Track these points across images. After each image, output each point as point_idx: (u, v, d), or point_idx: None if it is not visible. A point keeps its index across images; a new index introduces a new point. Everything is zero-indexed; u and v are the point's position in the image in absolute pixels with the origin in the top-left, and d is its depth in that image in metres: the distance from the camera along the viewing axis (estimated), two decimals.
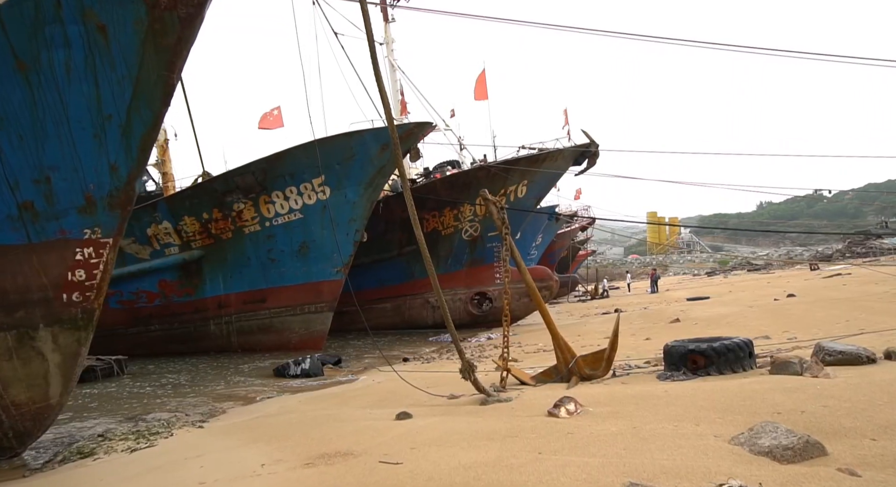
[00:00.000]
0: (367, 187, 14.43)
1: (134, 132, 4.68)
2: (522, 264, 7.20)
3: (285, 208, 14.16)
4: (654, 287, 34.62)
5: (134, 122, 4.65)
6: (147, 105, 4.63)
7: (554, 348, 7.03)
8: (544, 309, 7.06)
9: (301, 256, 14.54)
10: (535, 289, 7.08)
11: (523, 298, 20.70)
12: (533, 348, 11.89)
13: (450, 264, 20.38)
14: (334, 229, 13.55)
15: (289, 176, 13.69)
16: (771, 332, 9.18)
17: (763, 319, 11.24)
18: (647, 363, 7.81)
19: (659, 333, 11.53)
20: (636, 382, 6.27)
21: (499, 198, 7.30)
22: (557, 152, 18.46)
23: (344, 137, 13.91)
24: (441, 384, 7.97)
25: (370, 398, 7.20)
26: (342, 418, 5.92)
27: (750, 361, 6.17)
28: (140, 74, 4.51)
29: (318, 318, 15.16)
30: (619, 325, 6.84)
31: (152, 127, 4.78)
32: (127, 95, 4.53)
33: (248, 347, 15.16)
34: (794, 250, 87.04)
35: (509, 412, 5.25)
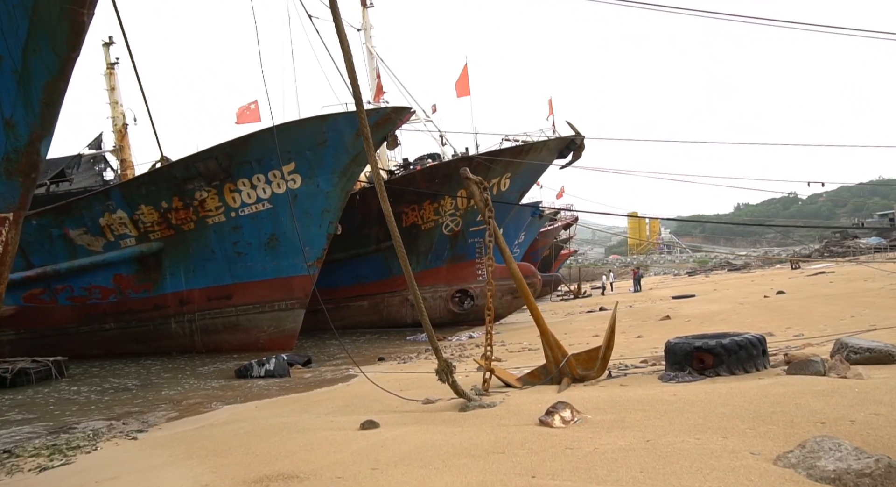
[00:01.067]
0: (342, 177, 13.52)
1: (34, 80, 3.80)
2: (508, 252, 6.43)
3: (252, 197, 13.17)
4: (638, 286, 34.26)
5: (33, 67, 3.76)
6: (50, 46, 3.75)
7: (543, 346, 6.27)
8: (533, 304, 6.29)
9: (270, 249, 13.56)
10: (521, 280, 6.32)
11: (506, 295, 20.00)
12: (517, 346, 11.16)
13: (430, 260, 19.56)
14: (299, 222, 12.59)
15: (256, 163, 12.71)
16: (773, 329, 8.56)
17: (760, 315, 10.66)
18: (644, 362, 7.10)
19: (650, 330, 10.88)
20: (636, 384, 5.54)
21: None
22: (542, 144, 17.78)
23: (315, 120, 12.97)
24: (417, 386, 7.17)
25: (335, 402, 6.36)
26: (298, 427, 5.08)
27: (763, 359, 5.48)
28: (37, 5, 3.63)
29: (289, 316, 14.21)
30: (615, 320, 6.10)
31: (59, 76, 3.89)
32: (21, 32, 3.65)
33: (213, 347, 14.15)
34: (772, 250, 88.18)
35: (493, 420, 4.47)
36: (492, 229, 6.31)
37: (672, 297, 23.14)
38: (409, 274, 5.60)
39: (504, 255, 6.39)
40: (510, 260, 6.43)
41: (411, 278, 5.79)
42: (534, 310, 6.28)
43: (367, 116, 12.17)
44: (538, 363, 8.16)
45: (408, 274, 5.64)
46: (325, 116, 13.08)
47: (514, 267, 6.36)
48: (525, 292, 6.38)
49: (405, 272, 5.85)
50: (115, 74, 17.76)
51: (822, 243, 57.39)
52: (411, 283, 5.70)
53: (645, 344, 8.90)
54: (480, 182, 6.38)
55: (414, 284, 5.73)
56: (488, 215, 6.36)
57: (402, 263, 5.85)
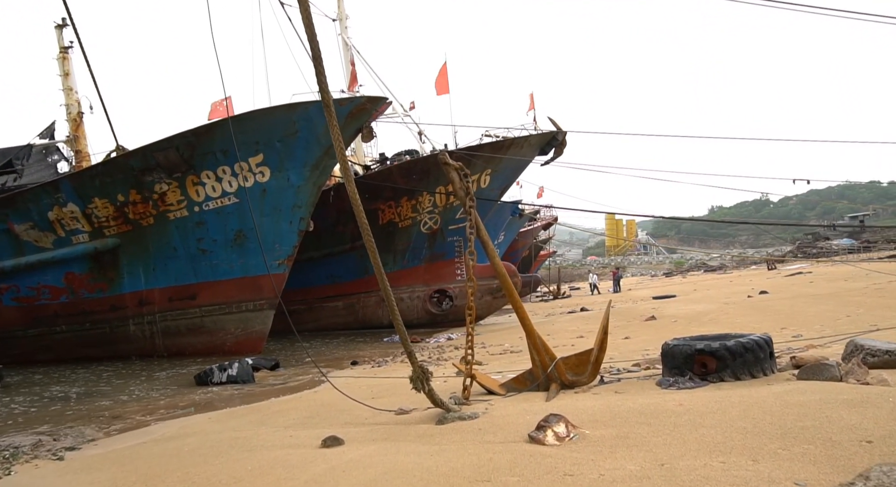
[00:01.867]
0: (314, 170, 12.78)
1: None
2: (492, 246, 5.85)
3: (217, 190, 12.33)
4: (617, 287, 34.11)
5: None
6: None
7: (529, 348, 5.71)
8: (519, 303, 5.72)
9: (237, 246, 12.75)
10: (506, 276, 5.74)
11: (486, 295, 19.46)
12: (498, 349, 10.60)
13: (407, 259, 18.90)
14: (269, 218, 11.80)
15: (221, 153, 11.89)
16: (767, 329, 8.12)
17: (749, 315, 10.28)
18: (636, 365, 6.60)
19: (637, 331, 10.43)
20: (633, 390, 5.01)
21: None
22: (523, 139, 17.28)
23: (285, 109, 12.20)
24: (390, 393, 6.55)
25: (298, 413, 5.70)
26: (251, 444, 4.43)
27: (771, 363, 5.00)
28: None
29: (258, 317, 13.40)
30: (609, 319, 5.57)
31: None
32: None
33: (175, 350, 13.28)
34: (746, 252, 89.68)
35: (476, 435, 3.88)
36: (473, 220, 5.73)
37: (653, 297, 22.92)
38: (381, 273, 4.98)
39: (487, 249, 5.81)
40: (494, 255, 5.85)
41: (383, 277, 5.17)
42: (519, 310, 5.72)
43: (341, 106, 11.48)
44: (521, 367, 7.60)
45: (379, 273, 5.03)
46: (296, 105, 12.31)
47: (497, 263, 5.79)
48: (510, 290, 5.80)
49: (376, 271, 5.23)
50: (70, 58, 16.67)
51: (795, 244, 58.33)
52: (383, 282, 5.10)
53: (634, 346, 8.41)
54: (461, 168, 5.79)
55: (386, 283, 5.13)
56: (469, 204, 5.78)
57: (374, 261, 5.24)
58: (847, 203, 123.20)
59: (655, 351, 7.87)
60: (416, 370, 4.44)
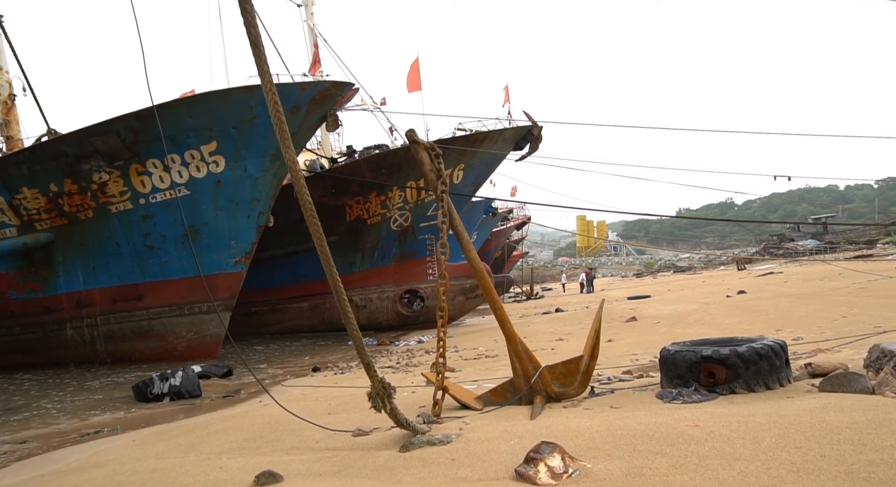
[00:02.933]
0: (274, 161, 11.82)
1: None
2: (467, 238, 5.08)
3: (166, 181, 11.25)
4: (590, 287, 33.82)
5: None
6: None
7: (510, 355, 4.96)
8: (498, 303, 4.97)
9: (188, 242, 11.67)
10: (483, 272, 5.00)
11: (459, 296, 18.73)
12: (472, 353, 9.86)
13: (376, 257, 18.02)
14: (224, 211, 10.78)
15: (169, 140, 10.80)
16: (760, 331, 7.59)
17: (736, 316, 9.78)
18: (627, 373, 5.92)
19: (619, 333, 9.82)
20: (631, 404, 4.31)
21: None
22: (497, 133, 16.61)
23: (241, 92, 11.18)
24: (351, 407, 5.72)
25: (240, 433, 4.82)
26: (169, 479, 3.56)
27: (787, 371, 4.36)
28: None
29: (212, 319, 12.35)
30: (601, 321, 4.87)
31: None
32: None
33: (120, 356, 12.13)
34: (713, 253, 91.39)
35: (448, 468, 3.11)
36: (445, 207, 4.96)
37: (627, 298, 22.59)
38: (333, 273, 4.17)
39: (461, 242, 5.05)
40: (469, 248, 5.09)
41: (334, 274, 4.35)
42: (499, 311, 4.96)
43: (302, 91, 10.53)
44: (499, 375, 6.87)
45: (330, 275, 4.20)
46: (253, 88, 11.30)
47: (474, 257, 5.03)
48: (488, 289, 5.05)
49: (326, 269, 4.38)
50: None
51: (761, 245, 59.48)
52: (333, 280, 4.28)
53: (620, 350, 7.76)
54: (431, 148, 5.01)
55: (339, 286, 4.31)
56: (441, 189, 5.01)
57: (325, 263, 4.40)
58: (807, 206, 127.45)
59: (644, 356, 7.23)
60: (375, 386, 3.64)
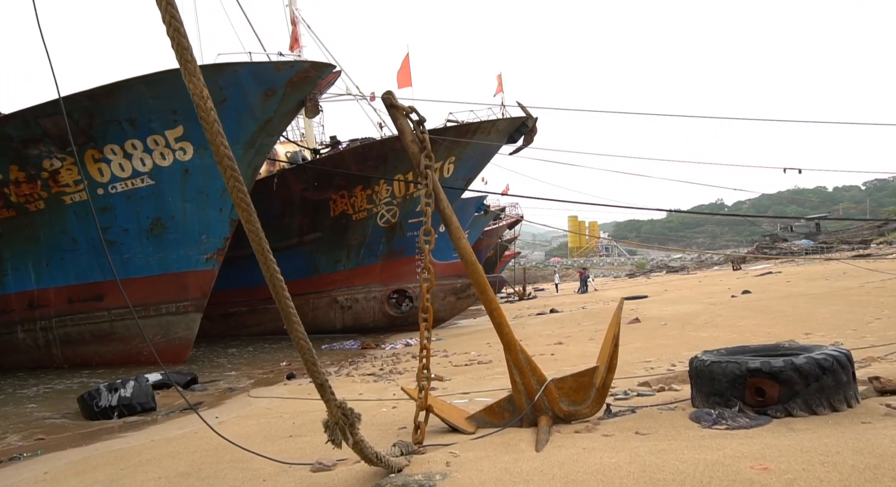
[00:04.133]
0: (248, 148, 10.86)
1: None
2: (456, 224, 4.19)
3: (127, 169, 10.24)
4: (585, 287, 33.08)
5: None
6: None
7: (508, 367, 4.10)
8: (494, 302, 4.10)
9: (154, 237, 10.69)
10: (476, 264, 4.14)
11: (449, 296, 17.84)
12: (463, 358, 8.98)
13: (363, 255, 17.08)
14: (193, 203, 9.80)
15: (128, 123, 9.81)
16: (786, 334, 6.77)
17: (751, 317, 8.98)
18: (644, 385, 5.06)
19: (625, 337, 8.94)
20: (662, 430, 3.45)
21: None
22: (490, 124, 15.74)
23: (208, 71, 10.12)
24: (318, 427, 4.78)
25: (173, 465, 3.90)
26: None
27: (854, 389, 3.52)
28: None
29: (181, 321, 11.36)
30: (619, 324, 4.01)
31: None
32: None
33: (78, 361, 11.12)
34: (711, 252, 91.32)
35: None
36: (430, 185, 4.09)
37: (623, 298, 21.79)
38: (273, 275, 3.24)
39: (450, 227, 4.17)
40: (460, 236, 4.21)
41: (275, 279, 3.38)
42: (494, 312, 4.09)
43: (278, 71, 9.52)
44: (493, 385, 5.99)
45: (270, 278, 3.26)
46: (222, 66, 10.30)
47: (464, 245, 4.16)
48: (482, 285, 4.18)
49: (267, 279, 3.38)
50: None
51: (754, 245, 59.28)
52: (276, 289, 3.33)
53: (629, 356, 6.91)
54: (411, 109, 4.12)
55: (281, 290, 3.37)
56: (425, 164, 4.12)
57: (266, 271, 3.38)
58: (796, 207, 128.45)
59: (659, 363, 6.37)
60: (332, 414, 2.74)
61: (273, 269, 2.80)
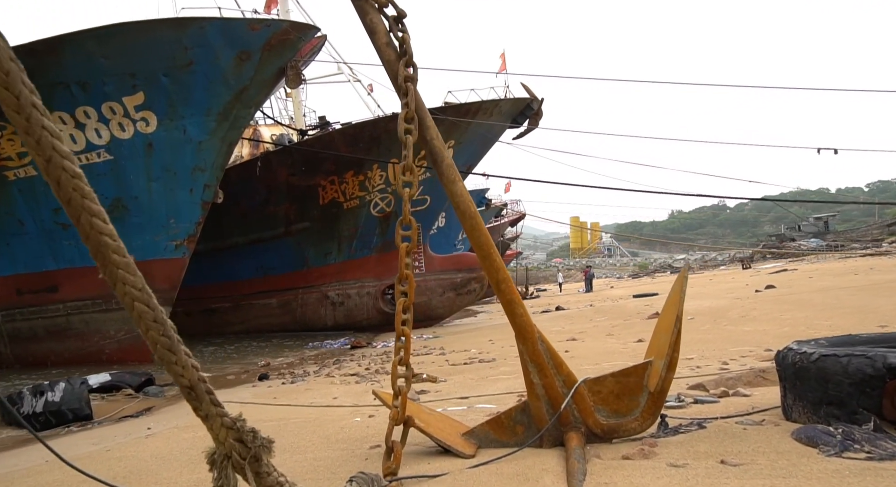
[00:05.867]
0: (221, 120, 9.66)
1: None
2: (449, 161, 3.00)
3: (80, 141, 9.02)
4: (589, 286, 31.89)
5: None
6: None
7: (522, 364, 2.93)
8: (503, 273, 2.91)
9: (114, 220, 9.23)
10: (476, 216, 2.96)
11: (448, 292, 16.66)
12: (462, 356, 7.80)
13: (355, 248, 15.89)
14: (159, 182, 8.58)
15: (78, 87, 8.56)
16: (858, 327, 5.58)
17: (797, 310, 7.80)
18: (698, 388, 3.87)
19: (646, 331, 7.75)
20: (761, 457, 2.27)
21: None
22: (492, 104, 14.56)
23: (168, 27, 8.83)
24: (283, 443, 3.57)
25: None
26: None
27: None
28: None
29: None
30: (682, 300, 2.81)
31: None
32: None
33: (31, 360, 9.94)
34: (709, 255, 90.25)
35: None
36: (412, 105, 2.91)
37: (633, 296, 20.74)
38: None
39: (440, 167, 2.99)
40: (454, 178, 3.02)
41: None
42: (503, 285, 2.92)
43: (253, 31, 8.26)
44: (498, 387, 4.81)
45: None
46: (186, 21, 9.00)
47: (460, 190, 2.98)
48: (486, 247, 2.99)
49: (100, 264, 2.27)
50: None
51: (760, 245, 58.22)
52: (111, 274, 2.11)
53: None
54: (386, 2, 2.91)
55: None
56: (404, 76, 2.93)
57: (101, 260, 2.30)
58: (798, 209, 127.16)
59: (704, 360, 5.16)
60: (219, 441, 1.53)
61: None
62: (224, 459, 1.58)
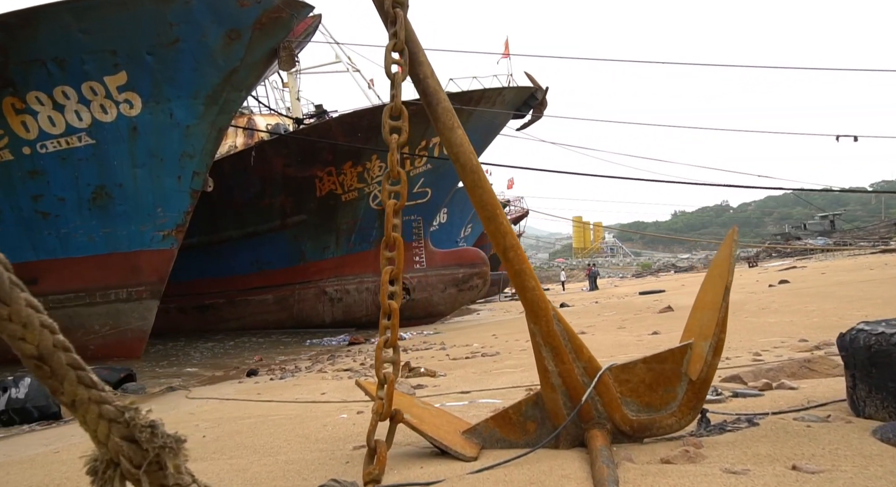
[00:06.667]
0: (211, 105, 9.18)
1: None
2: (467, 143, 2.50)
3: (59, 124, 8.52)
4: (593, 285, 31.36)
5: None
6: None
7: (534, 347, 2.41)
8: (505, 227, 2.42)
9: (98, 209, 9.01)
10: (496, 203, 2.45)
11: (450, 288, 16.17)
12: (463, 351, 7.32)
13: (354, 241, 15.40)
14: (145, 169, 8.09)
15: (54, 64, 8.05)
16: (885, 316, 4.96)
17: (822, 302, 7.33)
18: (733, 380, 3.36)
19: (663, 324, 7.34)
20: (848, 466, 1.77)
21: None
22: (495, 92, 14.05)
23: (153, 0, 8.36)
24: (229, 446, 3.14)
25: None
26: None
27: None
28: None
29: (134, 309, 9.69)
30: (732, 268, 2.29)
31: None
32: None
33: (9, 356, 9.40)
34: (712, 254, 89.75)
35: None
36: (402, 33, 2.40)
37: (639, 293, 20.27)
38: None
39: (440, 123, 2.50)
40: (460, 140, 2.54)
41: None
42: (510, 252, 2.43)
43: (244, 8, 7.67)
44: (503, 381, 4.34)
45: None
46: None
47: (466, 149, 2.50)
48: (501, 226, 2.50)
49: None
50: None
51: (765, 244, 57.66)
52: None
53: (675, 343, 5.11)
54: None
55: None
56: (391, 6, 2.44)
57: None
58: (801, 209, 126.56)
59: (730, 352, 4.67)
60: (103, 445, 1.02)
61: None
62: (108, 467, 1.08)
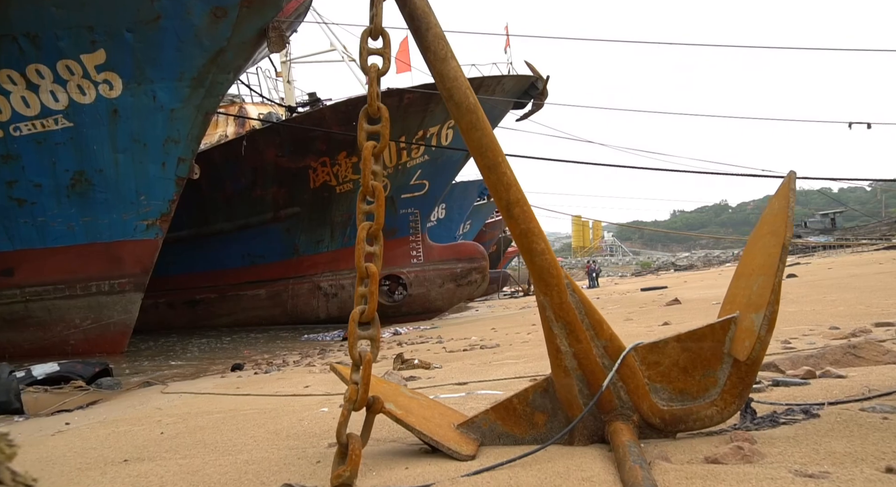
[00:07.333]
0: (196, 87, 8.74)
1: None
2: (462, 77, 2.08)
3: (33, 105, 8.06)
4: (594, 282, 30.97)
5: None
6: None
7: (543, 323, 1.97)
8: (508, 177, 1.99)
9: (77, 196, 8.57)
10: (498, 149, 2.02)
11: (448, 283, 15.75)
12: (461, 343, 6.93)
13: (349, 235, 14.97)
14: (126, 154, 7.66)
15: (26, 40, 7.57)
16: None
17: (841, 293, 6.96)
18: (767, 367, 2.95)
19: (674, 316, 6.97)
20: None
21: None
22: (494, 81, 13.64)
23: None
24: (187, 445, 2.71)
25: None
26: None
27: None
28: None
29: (116, 302, 9.26)
30: (789, 230, 1.85)
31: None
32: None
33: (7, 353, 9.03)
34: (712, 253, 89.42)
35: None
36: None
37: (641, 290, 19.89)
38: None
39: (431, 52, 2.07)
40: (454, 73, 2.11)
41: None
42: (514, 208, 2.00)
43: None
44: (504, 372, 3.92)
45: None
46: None
47: (461, 84, 2.05)
48: (504, 177, 2.08)
49: None
50: None
51: None
52: None
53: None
54: None
55: None
56: None
57: None
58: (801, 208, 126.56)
59: None
60: None
61: None
62: None
